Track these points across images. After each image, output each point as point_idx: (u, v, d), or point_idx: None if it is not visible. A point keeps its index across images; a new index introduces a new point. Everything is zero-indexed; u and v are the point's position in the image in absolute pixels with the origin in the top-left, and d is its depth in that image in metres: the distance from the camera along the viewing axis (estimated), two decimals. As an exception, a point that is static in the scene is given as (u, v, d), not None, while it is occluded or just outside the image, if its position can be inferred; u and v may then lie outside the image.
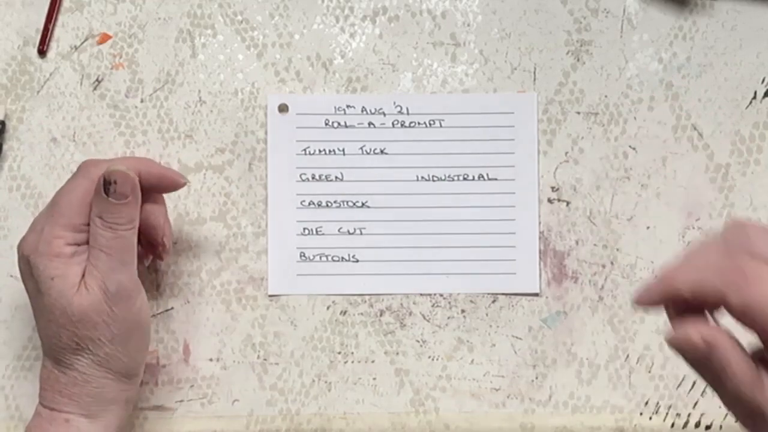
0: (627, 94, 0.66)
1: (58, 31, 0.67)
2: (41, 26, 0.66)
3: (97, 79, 0.66)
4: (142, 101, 0.66)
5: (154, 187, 0.60)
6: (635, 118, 0.65)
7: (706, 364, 0.46)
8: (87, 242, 0.57)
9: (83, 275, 0.57)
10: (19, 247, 0.58)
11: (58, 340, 0.57)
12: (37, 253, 0.57)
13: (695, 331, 0.45)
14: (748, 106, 0.65)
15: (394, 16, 0.66)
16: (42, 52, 0.66)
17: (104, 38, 0.67)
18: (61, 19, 0.67)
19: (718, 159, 0.65)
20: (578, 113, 0.66)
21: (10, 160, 0.66)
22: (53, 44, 0.67)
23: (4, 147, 0.66)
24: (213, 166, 0.66)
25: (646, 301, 0.47)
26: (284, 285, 0.65)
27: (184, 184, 0.60)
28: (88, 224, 0.57)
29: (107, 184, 0.57)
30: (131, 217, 0.58)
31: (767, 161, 0.65)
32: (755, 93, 0.65)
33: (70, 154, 0.66)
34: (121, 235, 0.57)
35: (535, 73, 0.66)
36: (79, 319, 0.56)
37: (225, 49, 0.66)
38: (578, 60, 0.66)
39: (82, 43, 0.67)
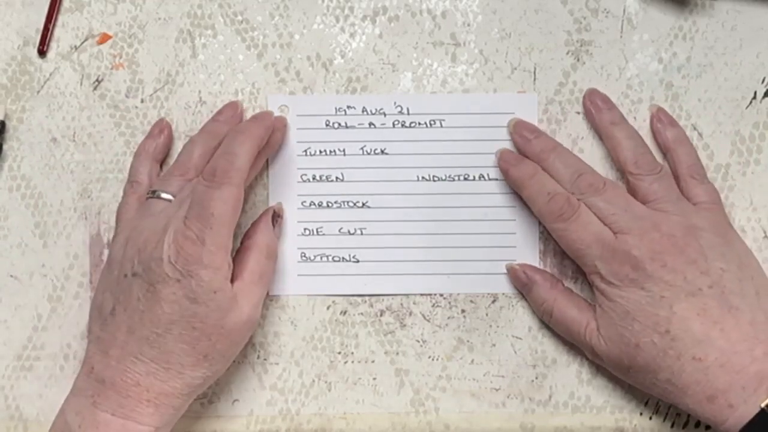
0: (627, 94, 0.66)
1: (58, 31, 0.67)
2: (41, 26, 0.66)
3: (97, 79, 0.66)
4: (142, 101, 0.66)
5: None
6: (635, 118, 0.65)
7: (528, 293, 0.64)
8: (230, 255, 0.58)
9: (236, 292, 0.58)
10: (171, 256, 0.56)
11: (192, 348, 0.56)
12: (201, 264, 0.56)
13: (520, 267, 0.64)
14: (748, 106, 0.65)
15: (394, 16, 0.66)
16: (42, 52, 0.66)
17: (104, 38, 0.67)
18: (61, 19, 0.67)
19: (718, 159, 0.65)
20: (578, 113, 0.66)
21: (10, 160, 0.66)
22: (53, 44, 0.67)
23: (4, 147, 0.66)
24: (213, 166, 0.66)
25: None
26: (284, 285, 0.65)
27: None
28: (232, 238, 0.58)
29: (275, 217, 0.63)
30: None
31: (767, 161, 0.65)
32: (755, 93, 0.65)
33: (70, 154, 0.66)
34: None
35: (535, 73, 0.66)
36: (228, 333, 0.57)
37: (225, 49, 0.66)
38: (578, 60, 0.66)
39: (82, 43, 0.67)
